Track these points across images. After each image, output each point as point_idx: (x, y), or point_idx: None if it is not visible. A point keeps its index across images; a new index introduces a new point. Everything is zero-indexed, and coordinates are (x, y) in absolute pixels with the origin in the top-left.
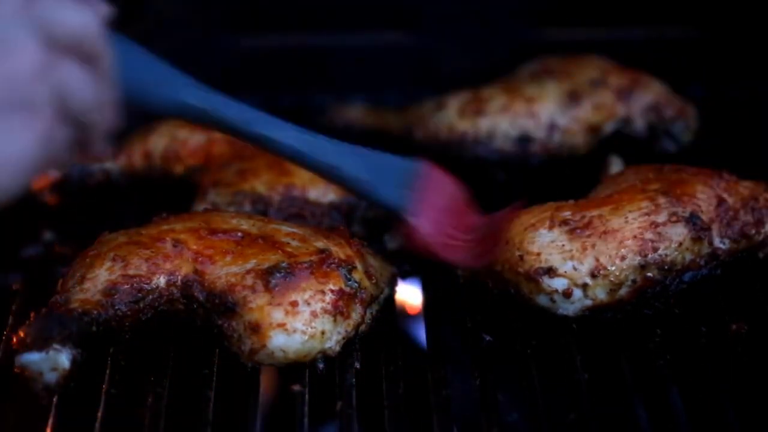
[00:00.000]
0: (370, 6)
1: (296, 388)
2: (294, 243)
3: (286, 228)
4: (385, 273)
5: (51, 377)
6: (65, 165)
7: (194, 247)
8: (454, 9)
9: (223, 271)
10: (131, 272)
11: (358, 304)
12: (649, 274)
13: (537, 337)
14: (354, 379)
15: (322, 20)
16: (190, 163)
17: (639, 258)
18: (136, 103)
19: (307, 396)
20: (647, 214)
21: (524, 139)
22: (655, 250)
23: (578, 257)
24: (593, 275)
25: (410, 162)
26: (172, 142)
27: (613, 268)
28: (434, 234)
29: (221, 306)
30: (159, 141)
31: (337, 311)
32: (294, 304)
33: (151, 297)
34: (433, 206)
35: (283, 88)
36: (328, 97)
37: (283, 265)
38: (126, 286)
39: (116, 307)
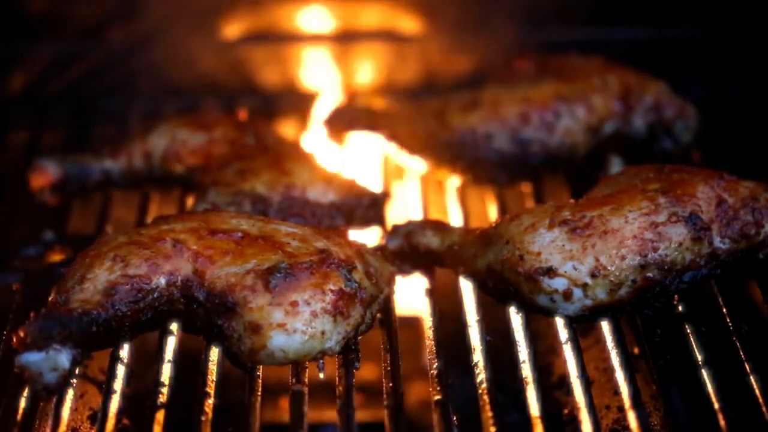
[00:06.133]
0: (374, 7)
1: (296, 388)
2: (294, 243)
3: (286, 228)
4: (385, 273)
5: (51, 377)
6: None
7: (194, 247)
8: (454, 10)
9: (223, 271)
10: (131, 272)
11: (358, 304)
12: (649, 274)
13: (537, 337)
14: (354, 379)
15: (324, 20)
16: (190, 163)
17: (639, 258)
18: None
19: (307, 396)
20: (647, 214)
21: (524, 139)
22: (655, 250)
23: (578, 257)
24: (593, 275)
25: None
26: (172, 142)
27: (613, 268)
28: None
29: (221, 306)
30: (159, 141)
31: (337, 311)
32: (294, 304)
33: (151, 297)
34: None
35: (282, 88)
36: (328, 96)
37: (283, 265)
38: (126, 286)
39: (116, 307)
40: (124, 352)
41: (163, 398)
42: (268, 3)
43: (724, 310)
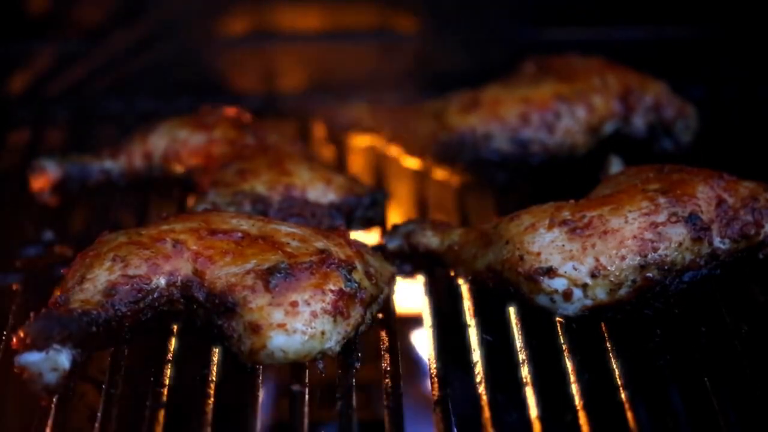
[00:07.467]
0: (372, 6)
1: (296, 388)
2: (294, 243)
3: (286, 228)
4: (384, 273)
5: (51, 377)
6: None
7: (194, 247)
8: (454, 10)
9: (223, 272)
10: (131, 272)
11: (358, 305)
12: (649, 274)
13: (537, 337)
14: (354, 379)
15: (322, 20)
16: (190, 163)
17: (639, 258)
18: None
19: (307, 396)
20: (647, 214)
21: (524, 139)
22: (655, 250)
23: (578, 257)
24: (593, 275)
25: None
26: (172, 142)
27: (613, 268)
28: None
29: (221, 306)
30: (159, 141)
31: (337, 311)
32: (294, 304)
33: (150, 297)
34: None
35: (283, 88)
36: (328, 97)
37: (283, 265)
38: (126, 287)
39: (116, 308)
40: (124, 352)
41: (163, 398)
42: (268, 3)
43: (724, 310)
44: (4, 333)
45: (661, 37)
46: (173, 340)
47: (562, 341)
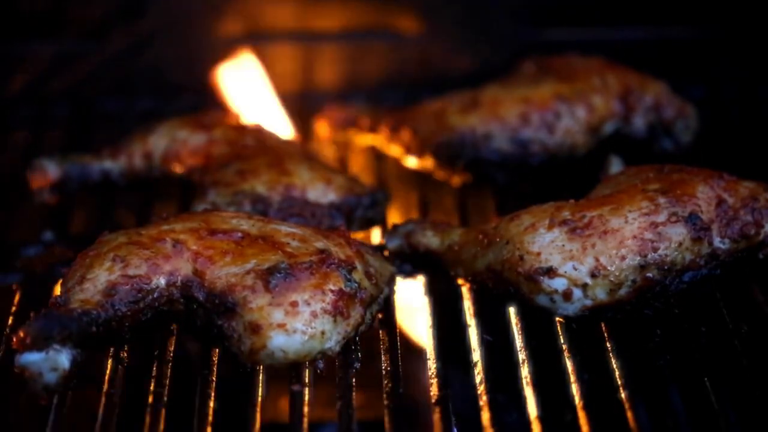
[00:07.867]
0: (371, 6)
1: (296, 388)
2: (294, 243)
3: (285, 228)
4: (384, 273)
5: (51, 377)
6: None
7: (194, 247)
8: (454, 10)
9: (223, 272)
10: (131, 272)
11: (358, 305)
12: (649, 274)
13: (537, 337)
14: (354, 379)
15: (321, 19)
16: (190, 163)
17: (639, 258)
18: None
19: (307, 396)
20: (647, 214)
21: (524, 139)
22: (655, 250)
23: (578, 257)
24: (593, 275)
25: None
26: (172, 143)
27: (613, 268)
28: None
29: (221, 306)
30: (159, 141)
31: (337, 311)
32: (294, 304)
33: (150, 297)
34: None
35: (283, 88)
36: (328, 96)
37: (283, 265)
38: (126, 287)
39: (116, 308)
40: (124, 352)
41: (163, 398)
42: (268, 2)
43: (724, 310)
44: (4, 333)
45: (661, 37)
46: (173, 340)
47: (562, 341)
